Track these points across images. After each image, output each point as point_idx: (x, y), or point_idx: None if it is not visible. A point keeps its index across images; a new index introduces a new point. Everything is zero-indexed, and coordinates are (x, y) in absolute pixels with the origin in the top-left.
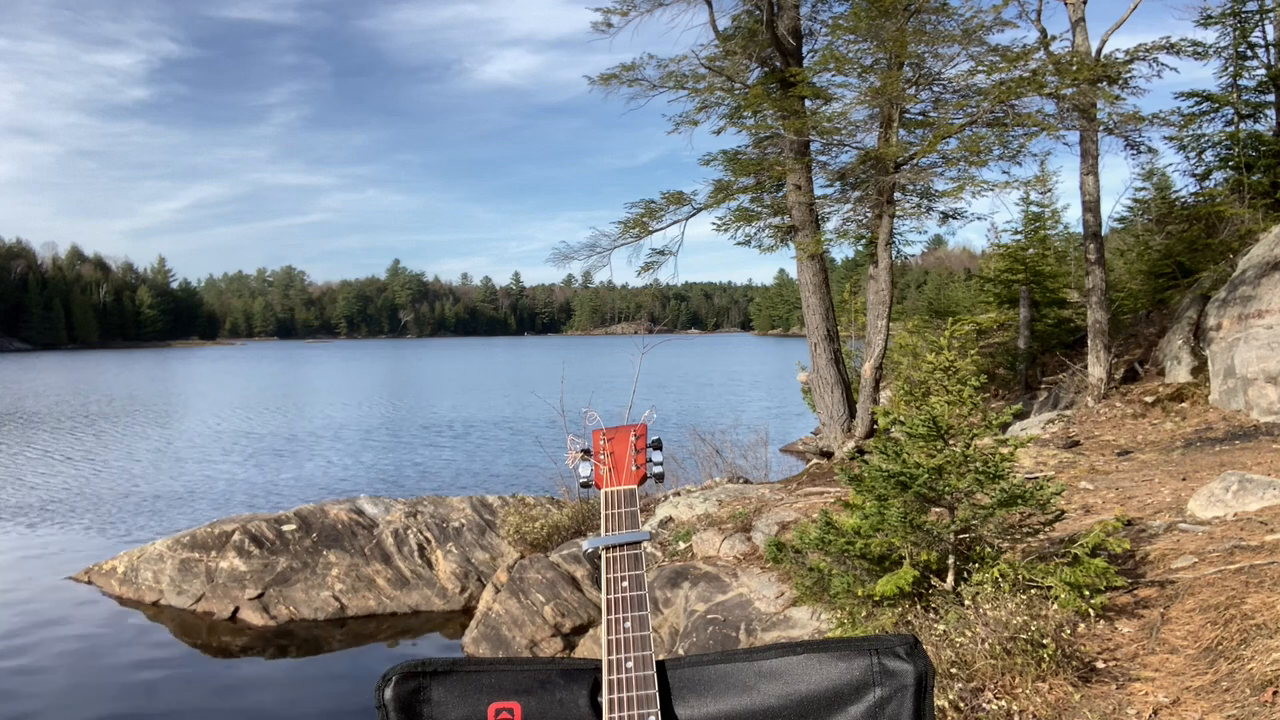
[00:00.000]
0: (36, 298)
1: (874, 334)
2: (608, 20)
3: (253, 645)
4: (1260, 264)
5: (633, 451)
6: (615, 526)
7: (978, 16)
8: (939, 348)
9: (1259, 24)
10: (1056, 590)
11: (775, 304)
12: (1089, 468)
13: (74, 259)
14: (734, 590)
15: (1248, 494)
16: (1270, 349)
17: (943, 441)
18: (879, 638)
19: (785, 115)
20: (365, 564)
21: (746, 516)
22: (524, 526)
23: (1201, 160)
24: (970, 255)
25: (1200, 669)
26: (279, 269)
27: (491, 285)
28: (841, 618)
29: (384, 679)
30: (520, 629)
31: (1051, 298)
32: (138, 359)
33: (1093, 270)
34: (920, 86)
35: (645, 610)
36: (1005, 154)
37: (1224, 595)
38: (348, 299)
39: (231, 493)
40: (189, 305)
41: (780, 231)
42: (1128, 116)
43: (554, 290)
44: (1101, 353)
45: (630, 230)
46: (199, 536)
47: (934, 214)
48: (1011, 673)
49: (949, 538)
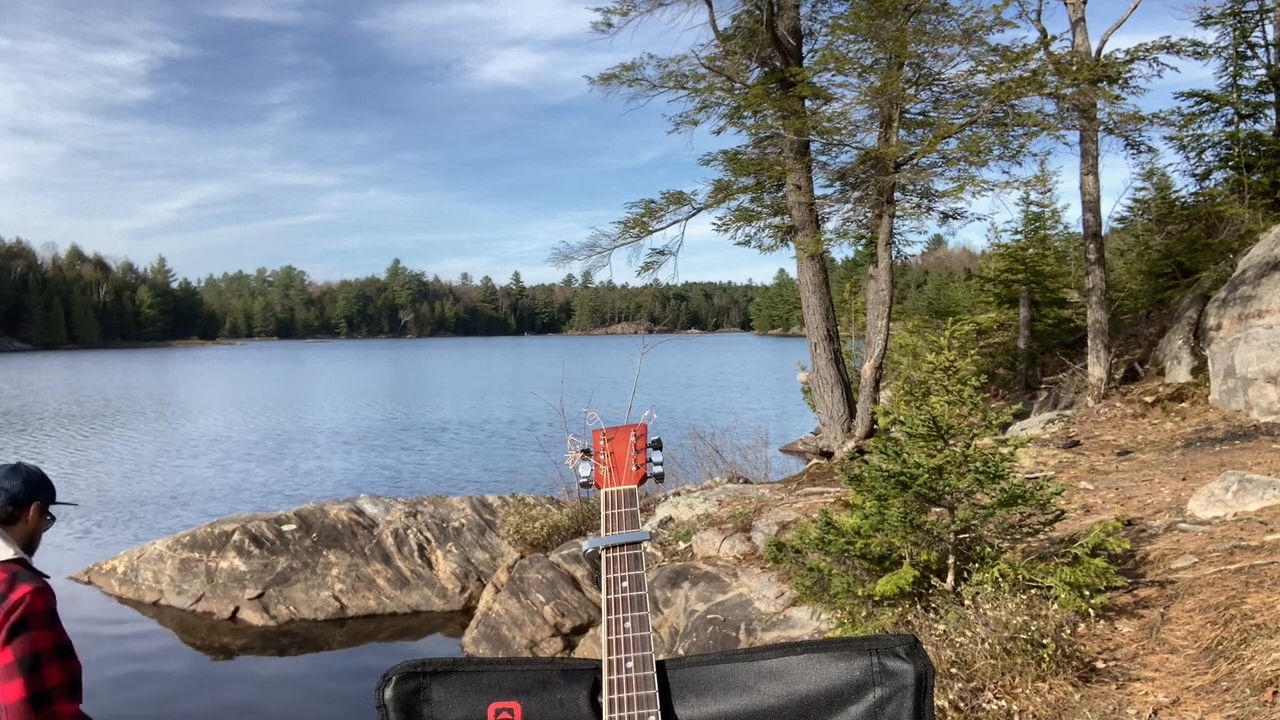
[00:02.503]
0: (36, 298)
1: (874, 334)
2: (608, 20)
3: (253, 645)
4: (1260, 264)
5: (633, 451)
6: (615, 526)
7: (978, 16)
8: (939, 348)
9: (1259, 24)
10: (1056, 590)
11: (775, 304)
12: (1089, 468)
13: (74, 259)
14: (734, 590)
15: (1248, 494)
16: (1270, 349)
17: (943, 441)
18: (879, 638)
19: (785, 115)
20: (365, 564)
21: (746, 516)
22: (524, 526)
23: (1201, 160)
24: (970, 255)
25: (1200, 669)
26: (279, 269)
27: (491, 285)
28: (841, 618)
29: (384, 679)
30: (520, 629)
31: (1051, 298)
32: (137, 359)
33: (1093, 270)
34: (920, 86)
35: (645, 610)
36: (1005, 154)
37: (1224, 595)
38: (348, 299)
39: (231, 493)
40: (189, 305)
41: (780, 231)
42: (1128, 116)
43: (554, 290)
44: (1101, 353)
45: (630, 230)
46: (199, 536)
47: (934, 214)
48: (1011, 673)
49: (949, 538)
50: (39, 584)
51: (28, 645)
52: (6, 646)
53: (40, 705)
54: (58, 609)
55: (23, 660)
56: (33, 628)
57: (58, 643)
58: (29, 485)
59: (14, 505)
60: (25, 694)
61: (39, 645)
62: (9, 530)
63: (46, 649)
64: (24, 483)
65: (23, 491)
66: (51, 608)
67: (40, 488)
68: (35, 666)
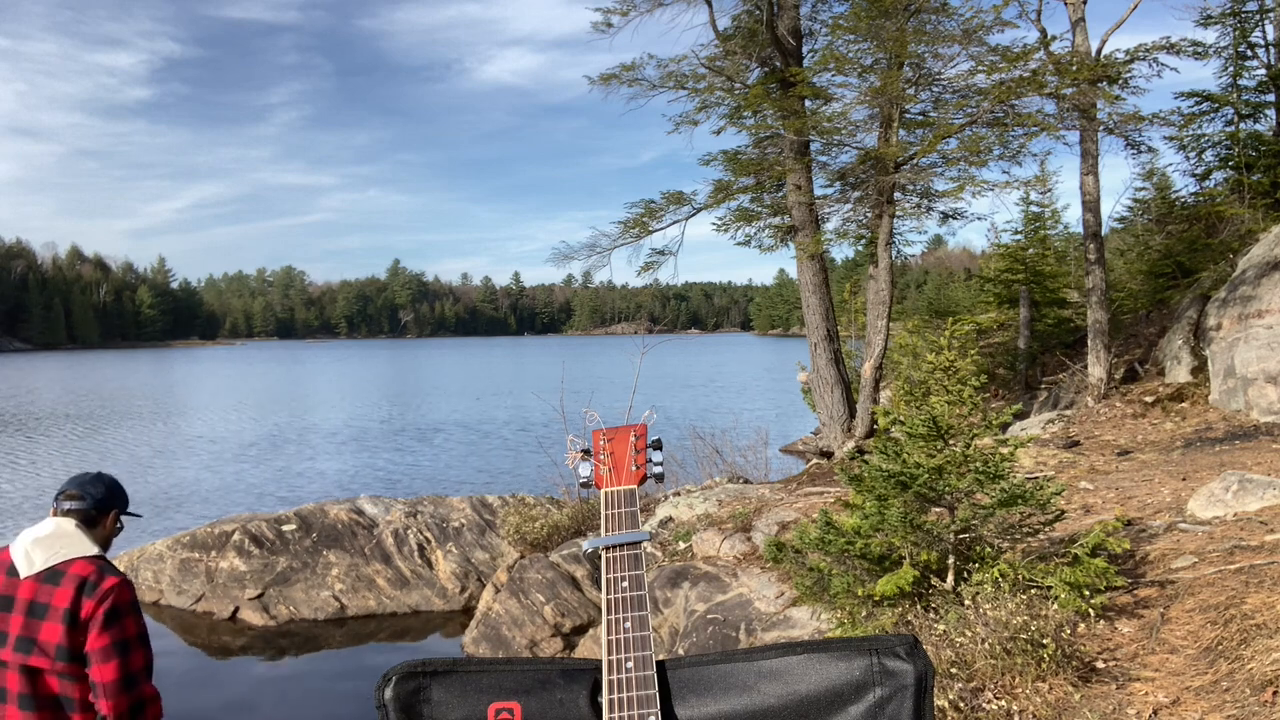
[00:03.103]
0: (36, 298)
1: (874, 334)
2: (608, 20)
3: (253, 645)
4: (1260, 264)
5: (633, 452)
6: (615, 526)
7: (978, 16)
8: (939, 348)
9: (1259, 24)
10: (1056, 590)
11: (775, 304)
12: (1089, 468)
13: (74, 259)
14: (734, 590)
15: (1248, 494)
16: (1270, 349)
17: (943, 441)
18: (879, 638)
19: (785, 115)
20: (365, 564)
21: (746, 516)
22: (524, 526)
23: (1201, 160)
24: (970, 255)
25: (1200, 669)
26: (279, 269)
27: (491, 285)
28: (841, 618)
29: (384, 679)
30: (520, 629)
31: (1051, 298)
32: (137, 359)
33: (1093, 270)
34: (920, 86)
35: (645, 610)
36: (1005, 154)
37: (1224, 595)
38: (348, 299)
39: (231, 493)
40: (189, 305)
41: (780, 231)
42: (1128, 116)
43: (554, 290)
44: (1101, 353)
45: (630, 230)
46: (199, 536)
47: (934, 214)
48: (1011, 673)
49: (949, 538)
50: (124, 576)
51: (120, 631)
52: (105, 631)
53: (131, 685)
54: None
55: (117, 644)
56: (125, 615)
57: (140, 630)
58: (111, 493)
59: (97, 510)
60: (118, 674)
61: (128, 631)
62: (90, 532)
63: (134, 635)
64: (107, 490)
65: (105, 498)
66: (135, 598)
67: (119, 496)
68: (126, 650)
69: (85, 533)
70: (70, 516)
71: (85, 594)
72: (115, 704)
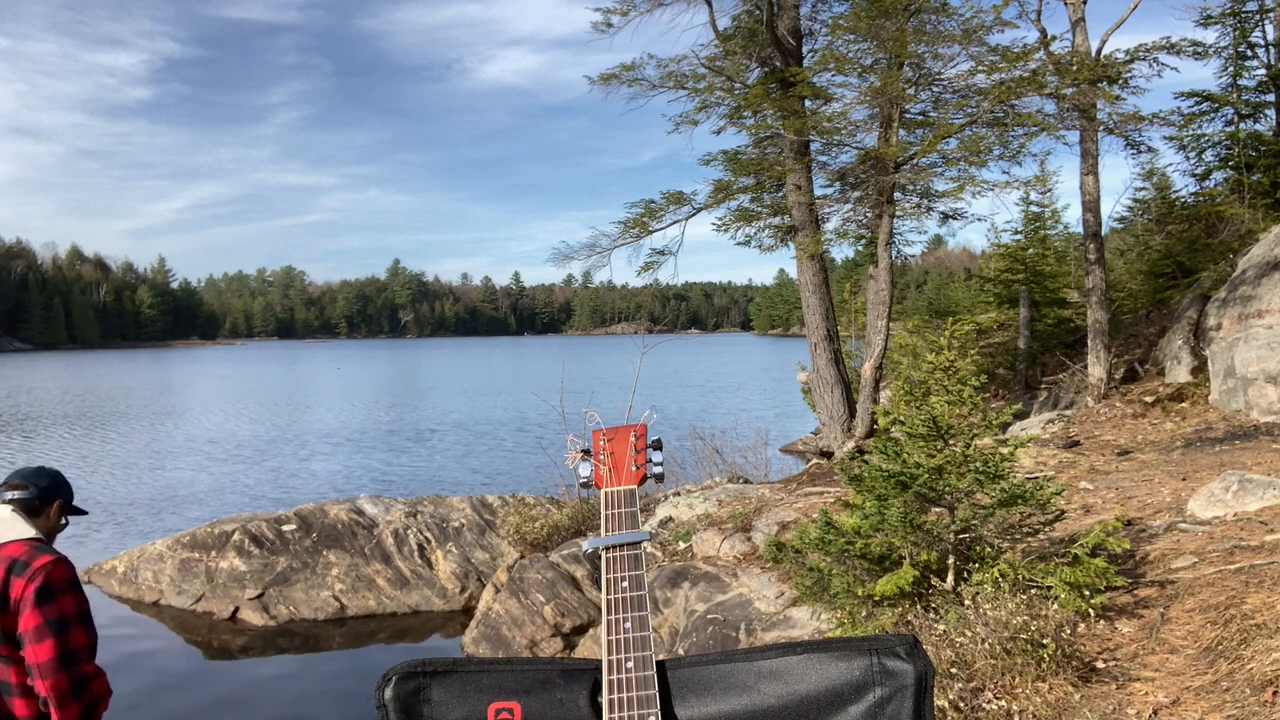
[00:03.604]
0: (36, 298)
1: (874, 334)
2: (608, 20)
3: (253, 645)
4: (1260, 264)
5: (633, 452)
6: (615, 527)
7: (978, 16)
8: (939, 348)
9: (1259, 24)
10: (1056, 590)
11: (775, 304)
12: (1089, 468)
13: (74, 259)
14: (734, 590)
15: (1248, 494)
16: (1270, 349)
17: (943, 441)
18: (879, 638)
19: (785, 115)
20: (365, 564)
21: (746, 516)
22: (524, 526)
23: (1201, 160)
24: (970, 255)
25: (1200, 669)
26: (279, 269)
27: (491, 285)
28: (841, 618)
29: (384, 679)
30: (520, 629)
31: (1051, 298)
32: (137, 359)
33: (1093, 270)
34: (920, 86)
35: (645, 610)
36: (1005, 154)
37: (1224, 595)
38: (348, 299)
39: (231, 493)
40: (189, 305)
41: (780, 231)
42: (1128, 116)
43: (554, 290)
44: (1101, 353)
45: (630, 230)
46: (199, 536)
47: (934, 214)
48: (1011, 673)
49: (949, 538)
50: (59, 555)
51: (55, 609)
52: (37, 609)
53: (69, 664)
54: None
55: (52, 623)
56: (59, 593)
57: (80, 609)
58: (55, 484)
59: (40, 500)
60: (55, 654)
61: (65, 610)
62: (32, 520)
63: (72, 613)
64: (51, 481)
65: (49, 488)
66: (74, 576)
67: (63, 488)
68: (64, 628)
69: (26, 520)
70: (11, 505)
71: (14, 573)
72: (53, 683)
